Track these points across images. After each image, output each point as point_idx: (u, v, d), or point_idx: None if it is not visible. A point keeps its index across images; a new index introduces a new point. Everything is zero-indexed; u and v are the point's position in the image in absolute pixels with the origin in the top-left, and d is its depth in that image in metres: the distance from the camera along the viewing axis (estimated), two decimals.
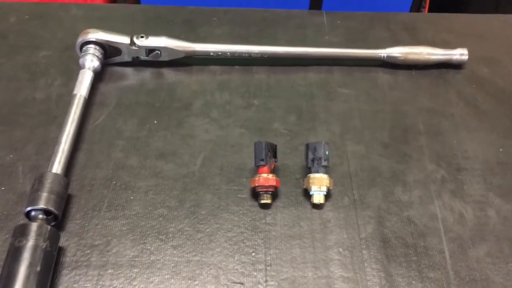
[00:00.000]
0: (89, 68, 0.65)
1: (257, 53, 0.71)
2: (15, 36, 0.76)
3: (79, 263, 0.51)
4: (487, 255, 0.54)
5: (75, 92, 0.62)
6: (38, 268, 0.46)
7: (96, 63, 0.65)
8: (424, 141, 0.65)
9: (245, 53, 0.71)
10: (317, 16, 0.83)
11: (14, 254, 0.47)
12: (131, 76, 0.70)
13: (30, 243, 0.47)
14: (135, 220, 0.55)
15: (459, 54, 0.74)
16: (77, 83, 0.63)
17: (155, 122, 0.64)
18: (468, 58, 0.74)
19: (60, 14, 0.80)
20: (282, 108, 0.67)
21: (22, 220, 0.52)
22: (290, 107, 0.68)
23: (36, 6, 0.81)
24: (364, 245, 0.54)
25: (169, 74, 0.71)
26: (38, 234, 0.48)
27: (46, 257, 0.47)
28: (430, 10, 1.43)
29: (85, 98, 0.62)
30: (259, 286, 0.51)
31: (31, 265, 0.46)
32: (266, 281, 0.51)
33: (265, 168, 0.56)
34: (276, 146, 0.58)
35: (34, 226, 0.48)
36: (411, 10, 1.37)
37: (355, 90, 0.71)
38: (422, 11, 1.44)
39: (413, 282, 0.51)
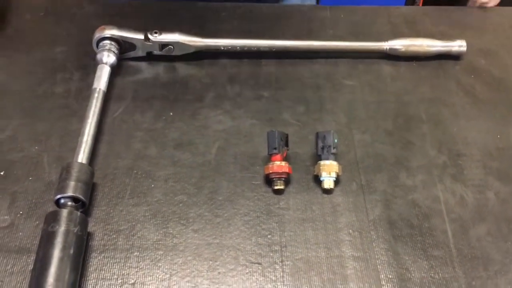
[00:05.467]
0: (106, 63, 0.68)
1: (265, 47, 0.74)
2: (31, 32, 0.78)
3: (107, 247, 0.54)
4: (487, 234, 0.58)
5: (94, 86, 0.65)
6: (71, 251, 0.49)
7: (112, 58, 0.68)
8: (426, 129, 0.68)
9: (254, 46, 0.74)
10: (321, 11, 0.86)
11: (48, 239, 0.50)
12: (146, 70, 0.73)
13: (62, 228, 0.50)
14: (157, 206, 0.58)
15: (458, 45, 0.77)
16: (96, 78, 0.66)
17: (171, 114, 0.68)
18: (466, 49, 0.77)
19: (73, 11, 0.82)
20: (290, 100, 0.71)
21: (51, 207, 0.55)
22: (298, 98, 0.71)
23: (50, 3, 0.83)
24: (372, 226, 0.58)
25: (182, 68, 0.74)
26: (69, 219, 0.51)
27: (77, 241, 0.51)
28: (424, 3, 1.46)
29: (104, 91, 0.65)
30: (276, 266, 0.54)
31: (64, 248, 0.49)
32: (282, 261, 0.55)
33: (278, 156, 0.60)
34: (287, 135, 0.62)
35: (64, 212, 0.52)
36: (406, 4, 1.40)
37: (359, 82, 0.74)
38: (416, 4, 1.47)
39: (418, 260, 0.55)
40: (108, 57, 0.68)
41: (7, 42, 0.76)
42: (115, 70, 0.71)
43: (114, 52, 0.69)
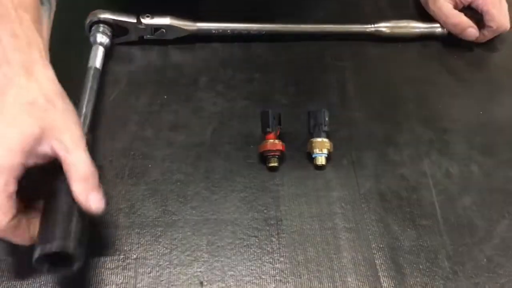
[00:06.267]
0: (100, 44, 0.69)
1: (255, 30, 0.76)
2: None
3: (108, 225, 0.56)
4: (472, 204, 0.61)
5: (90, 64, 0.67)
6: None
7: (106, 40, 0.70)
8: (412, 107, 0.71)
9: (244, 30, 0.75)
10: None
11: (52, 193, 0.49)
12: (139, 55, 0.74)
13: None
14: (155, 185, 0.60)
15: (441, 27, 0.80)
16: (91, 57, 0.68)
17: (165, 97, 0.69)
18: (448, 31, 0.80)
19: None
20: (281, 81, 0.73)
21: None
22: (289, 79, 0.73)
23: None
24: (364, 199, 0.60)
25: (174, 53, 0.75)
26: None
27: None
28: None
29: (99, 70, 0.67)
30: (272, 238, 0.56)
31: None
32: (278, 234, 0.57)
33: (272, 135, 0.62)
34: (280, 114, 0.64)
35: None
36: None
37: (348, 63, 0.76)
38: None
39: (407, 229, 0.58)
40: (102, 38, 0.70)
41: None
42: (109, 55, 0.72)
43: (107, 34, 0.70)
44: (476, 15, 0.78)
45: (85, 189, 0.47)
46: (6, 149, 0.45)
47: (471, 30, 0.77)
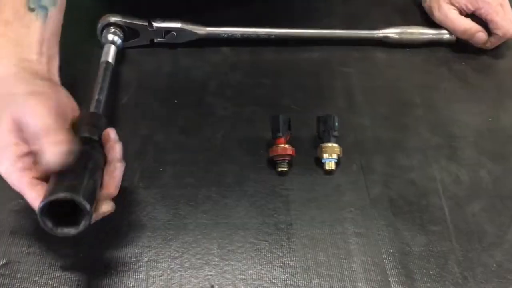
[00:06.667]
0: (112, 43, 0.70)
1: (264, 34, 0.76)
2: None
3: (119, 227, 0.56)
4: (481, 210, 0.61)
5: (102, 60, 0.68)
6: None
7: (118, 40, 0.71)
8: (420, 113, 0.71)
9: (253, 34, 0.76)
10: (317, 1, 0.88)
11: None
12: (149, 59, 0.75)
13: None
14: (166, 189, 0.60)
15: (449, 33, 0.80)
16: (103, 54, 0.69)
17: (176, 101, 0.70)
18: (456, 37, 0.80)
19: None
20: (290, 87, 0.73)
21: None
22: (297, 85, 0.73)
23: None
24: (373, 204, 0.61)
25: (184, 57, 0.76)
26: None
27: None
28: None
29: (112, 64, 0.68)
30: (283, 242, 0.57)
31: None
32: (288, 238, 0.57)
33: (282, 139, 0.62)
34: (290, 119, 0.64)
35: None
36: None
37: (355, 69, 0.77)
38: None
39: (417, 235, 0.58)
40: (113, 38, 0.71)
41: None
42: (119, 59, 0.73)
43: (119, 35, 0.71)
44: (481, 23, 0.78)
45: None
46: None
47: (481, 35, 0.77)
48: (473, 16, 0.79)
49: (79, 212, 0.45)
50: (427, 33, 0.80)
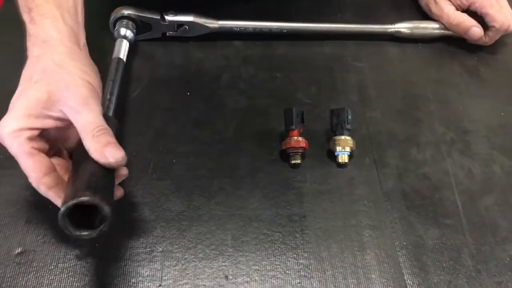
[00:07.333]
0: (124, 37, 0.70)
1: (276, 28, 0.76)
2: None
3: (133, 218, 0.57)
4: (494, 204, 0.61)
5: (114, 56, 0.68)
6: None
7: (130, 34, 0.71)
8: (433, 108, 0.71)
9: (266, 28, 0.76)
10: None
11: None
12: (161, 52, 0.75)
13: None
14: (180, 180, 0.60)
15: None
16: (115, 50, 0.69)
17: (188, 94, 0.70)
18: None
19: None
20: (303, 80, 0.73)
21: None
22: (310, 79, 0.73)
23: None
24: (386, 198, 0.61)
25: (196, 50, 0.76)
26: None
27: None
28: None
29: (123, 61, 0.68)
30: (296, 234, 0.57)
31: None
32: (301, 230, 0.57)
33: (295, 132, 0.62)
34: (303, 112, 0.64)
35: None
36: None
37: (368, 63, 0.77)
38: None
39: (430, 228, 0.58)
40: (126, 32, 0.71)
41: None
42: (132, 53, 0.73)
43: (131, 29, 0.71)
44: (477, 18, 0.78)
45: (98, 146, 0.48)
46: (10, 119, 0.49)
47: (476, 30, 0.77)
48: (471, 13, 0.79)
49: (95, 212, 0.45)
50: (439, 27, 0.80)
